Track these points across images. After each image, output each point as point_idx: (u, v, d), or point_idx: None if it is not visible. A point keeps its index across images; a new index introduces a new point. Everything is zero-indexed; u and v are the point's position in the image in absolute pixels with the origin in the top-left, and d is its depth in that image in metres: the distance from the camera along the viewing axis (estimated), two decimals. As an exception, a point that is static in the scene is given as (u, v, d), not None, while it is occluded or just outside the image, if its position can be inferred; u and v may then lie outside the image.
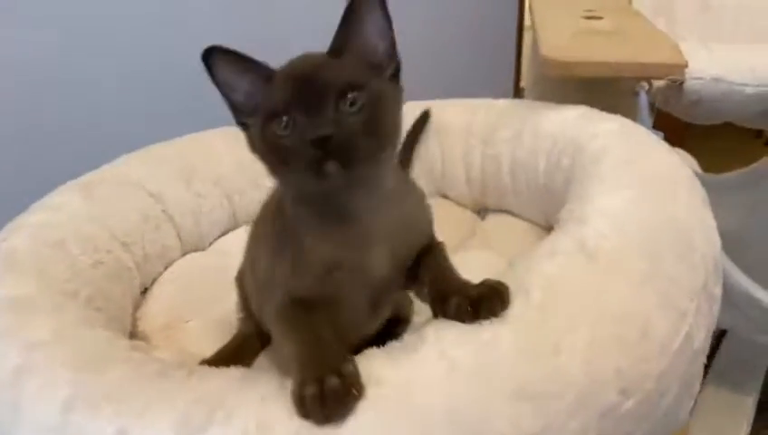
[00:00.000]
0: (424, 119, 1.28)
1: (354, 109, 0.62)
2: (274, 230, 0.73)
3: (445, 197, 1.32)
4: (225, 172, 1.20)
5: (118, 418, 0.58)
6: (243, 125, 0.70)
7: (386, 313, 0.79)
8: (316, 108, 0.61)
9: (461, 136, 1.25)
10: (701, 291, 0.73)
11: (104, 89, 1.49)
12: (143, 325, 0.98)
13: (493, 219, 1.25)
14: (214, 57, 0.66)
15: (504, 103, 1.25)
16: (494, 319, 0.62)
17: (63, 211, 0.97)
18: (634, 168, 0.86)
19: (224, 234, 1.21)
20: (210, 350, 0.89)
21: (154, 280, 1.07)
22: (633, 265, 0.69)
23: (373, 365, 0.60)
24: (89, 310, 0.82)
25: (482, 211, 1.28)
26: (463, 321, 0.63)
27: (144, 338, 0.97)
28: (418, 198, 0.78)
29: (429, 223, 0.78)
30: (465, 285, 0.67)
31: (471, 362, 0.58)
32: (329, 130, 0.60)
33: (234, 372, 0.65)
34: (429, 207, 0.79)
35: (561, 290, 0.65)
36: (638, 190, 0.80)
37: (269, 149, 0.65)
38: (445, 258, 0.74)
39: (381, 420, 0.56)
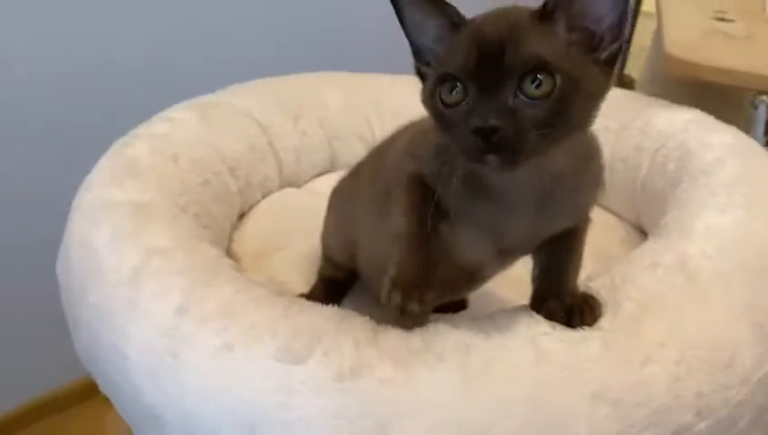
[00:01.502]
0: None
1: (539, 92, 0.53)
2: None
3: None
4: (331, 117, 1.23)
5: (225, 332, 0.63)
6: (420, 74, 0.62)
7: (505, 267, 0.75)
8: (492, 87, 0.53)
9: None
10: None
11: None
12: (236, 248, 1.04)
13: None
14: None
15: (616, 93, 1.22)
16: None
17: (180, 127, 1.03)
18: (748, 186, 0.84)
19: (319, 175, 1.25)
20: (296, 281, 0.95)
21: (251, 207, 1.12)
22: (735, 293, 0.69)
23: (463, 331, 0.63)
24: (197, 226, 0.88)
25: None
26: (572, 326, 0.64)
27: (236, 260, 1.03)
28: (589, 173, 0.66)
29: (588, 204, 0.69)
30: (566, 291, 0.67)
31: (560, 358, 0.61)
32: (496, 121, 0.52)
33: (329, 311, 0.68)
34: (599, 182, 0.67)
35: (657, 306, 0.66)
36: (749, 212, 0.79)
37: (433, 112, 0.59)
38: (572, 251, 0.69)
39: (464, 386, 0.59)
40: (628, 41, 2.47)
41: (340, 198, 0.90)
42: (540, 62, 0.53)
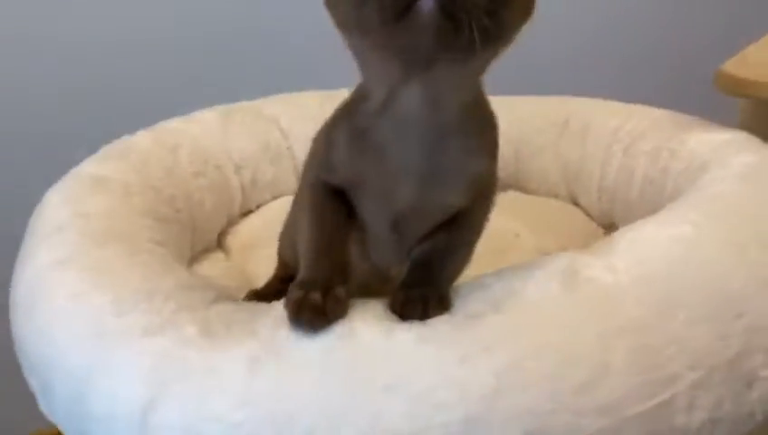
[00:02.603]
0: None
1: None
2: (334, 116, 0.67)
3: (576, 204, 1.20)
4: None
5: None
6: None
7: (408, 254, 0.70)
8: None
9: (606, 140, 1.12)
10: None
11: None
12: (230, 240, 1.09)
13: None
14: None
15: (661, 114, 1.09)
16: None
17: (196, 124, 1.11)
18: (721, 208, 0.71)
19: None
20: (268, 276, 0.96)
21: (259, 205, 1.17)
22: (622, 311, 0.59)
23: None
24: (168, 207, 0.94)
25: (610, 228, 1.14)
26: (402, 317, 0.58)
27: (226, 251, 1.08)
28: (485, 134, 0.64)
29: (485, 170, 0.65)
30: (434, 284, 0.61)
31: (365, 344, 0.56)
32: None
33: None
34: (494, 151, 0.65)
35: (512, 310, 0.59)
36: (697, 232, 0.66)
37: None
38: (454, 240, 0.65)
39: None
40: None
41: (294, 200, 0.91)
42: None
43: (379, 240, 0.68)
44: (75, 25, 1.36)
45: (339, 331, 0.57)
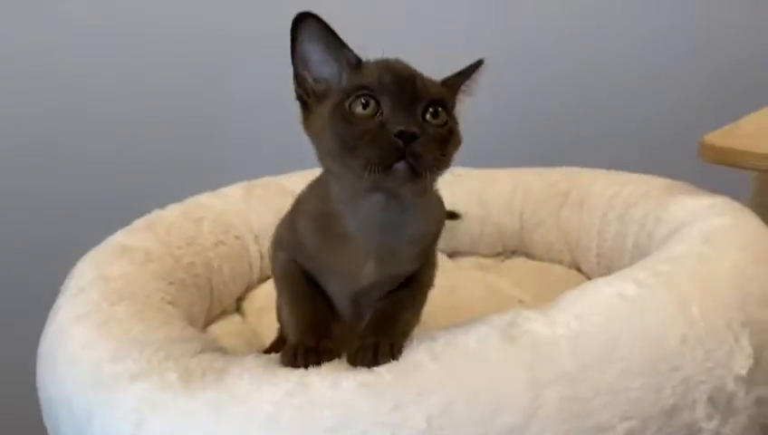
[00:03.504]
0: None
1: (438, 122, 0.65)
2: (305, 197, 0.78)
3: (579, 270, 1.23)
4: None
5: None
6: (302, 102, 0.69)
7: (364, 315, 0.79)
8: (408, 105, 0.63)
9: (602, 209, 1.17)
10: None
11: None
12: (246, 305, 1.18)
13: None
14: (306, 24, 0.65)
15: (658, 182, 1.12)
16: None
17: (222, 199, 1.23)
18: (673, 270, 0.74)
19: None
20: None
21: (276, 272, 1.26)
22: (549, 361, 0.63)
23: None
24: (185, 273, 1.04)
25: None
26: (353, 364, 0.64)
27: (242, 313, 1.17)
28: (429, 219, 0.75)
29: (428, 245, 0.76)
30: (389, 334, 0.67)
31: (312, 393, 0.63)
32: (416, 129, 0.61)
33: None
34: (438, 229, 0.78)
35: (451, 359, 0.64)
36: (641, 292, 0.70)
37: (341, 127, 0.63)
38: (401, 306, 0.73)
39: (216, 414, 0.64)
40: None
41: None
42: (441, 97, 0.66)
43: (343, 305, 0.78)
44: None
45: (295, 379, 0.63)
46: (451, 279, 1.15)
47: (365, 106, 0.63)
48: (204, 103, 1.59)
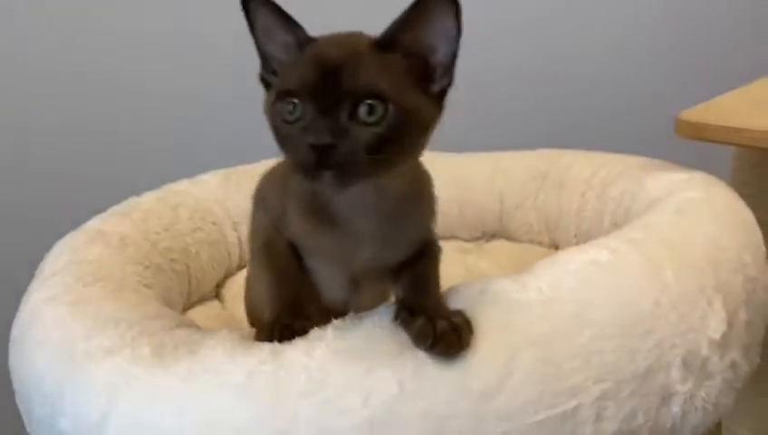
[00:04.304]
0: None
1: (372, 119, 0.56)
2: (284, 172, 0.73)
3: (557, 248, 1.24)
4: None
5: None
6: (265, 83, 0.66)
7: (370, 298, 0.78)
8: (329, 108, 0.56)
9: (580, 188, 1.17)
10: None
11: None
12: (225, 291, 1.17)
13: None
14: (255, 3, 0.62)
15: (635, 161, 1.13)
16: None
17: (200, 186, 1.22)
18: (644, 237, 0.75)
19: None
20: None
21: (254, 258, 1.25)
22: (532, 326, 0.64)
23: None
24: (162, 257, 1.03)
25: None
26: (418, 346, 0.61)
27: (221, 299, 1.16)
28: (424, 199, 0.72)
29: (427, 228, 0.74)
30: (437, 308, 0.64)
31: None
32: (330, 139, 0.55)
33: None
34: (433, 209, 0.74)
35: None
36: (614, 258, 0.70)
37: (272, 125, 0.61)
38: (428, 268, 0.71)
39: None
40: None
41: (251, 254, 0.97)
42: (374, 90, 0.57)
43: (333, 285, 0.76)
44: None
45: (268, 348, 0.63)
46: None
47: (291, 112, 0.59)
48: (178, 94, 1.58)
